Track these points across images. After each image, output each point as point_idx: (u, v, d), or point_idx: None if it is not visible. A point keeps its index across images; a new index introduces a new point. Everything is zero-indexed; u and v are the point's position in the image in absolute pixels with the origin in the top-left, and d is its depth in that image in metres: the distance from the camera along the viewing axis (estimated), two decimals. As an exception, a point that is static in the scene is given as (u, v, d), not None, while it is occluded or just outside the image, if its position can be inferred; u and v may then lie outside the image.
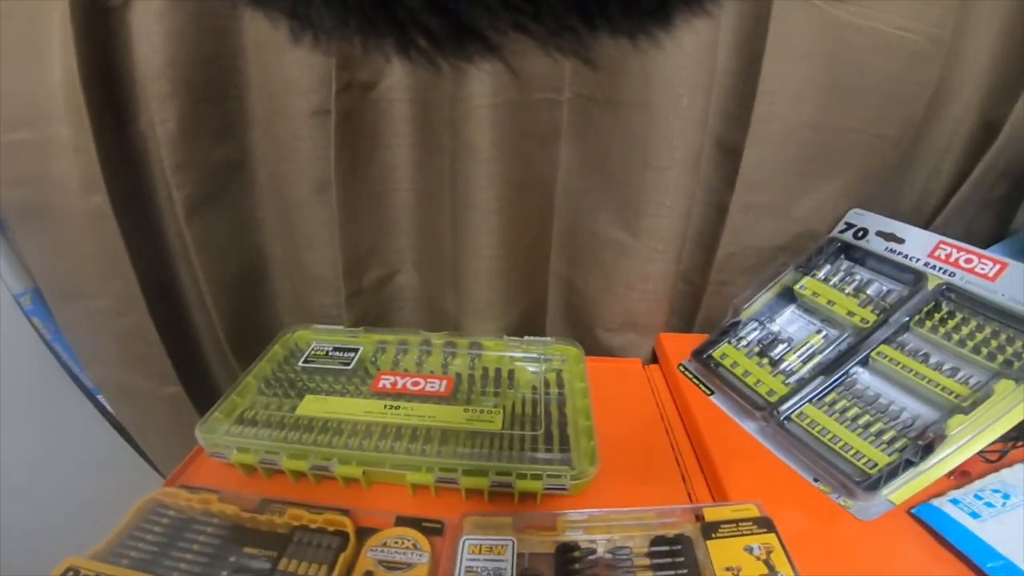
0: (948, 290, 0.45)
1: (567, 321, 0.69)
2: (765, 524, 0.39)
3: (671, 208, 0.56)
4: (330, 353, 0.58)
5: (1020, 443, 0.47)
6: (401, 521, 0.39)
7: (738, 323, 0.54)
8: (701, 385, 0.54)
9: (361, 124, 0.58)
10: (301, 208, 0.61)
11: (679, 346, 0.61)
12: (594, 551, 0.37)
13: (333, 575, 0.35)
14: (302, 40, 0.14)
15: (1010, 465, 0.44)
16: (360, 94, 0.56)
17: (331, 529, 0.38)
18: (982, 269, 0.46)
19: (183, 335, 0.69)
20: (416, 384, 0.53)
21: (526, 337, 0.60)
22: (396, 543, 0.37)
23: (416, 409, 0.49)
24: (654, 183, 0.55)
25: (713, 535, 0.39)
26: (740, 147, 0.55)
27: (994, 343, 0.42)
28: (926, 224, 0.62)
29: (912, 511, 0.41)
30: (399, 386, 0.52)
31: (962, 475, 0.44)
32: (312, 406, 0.50)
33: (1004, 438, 0.48)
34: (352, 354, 0.57)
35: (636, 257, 0.59)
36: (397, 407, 0.50)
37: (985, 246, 0.61)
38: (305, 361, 0.57)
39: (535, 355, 0.58)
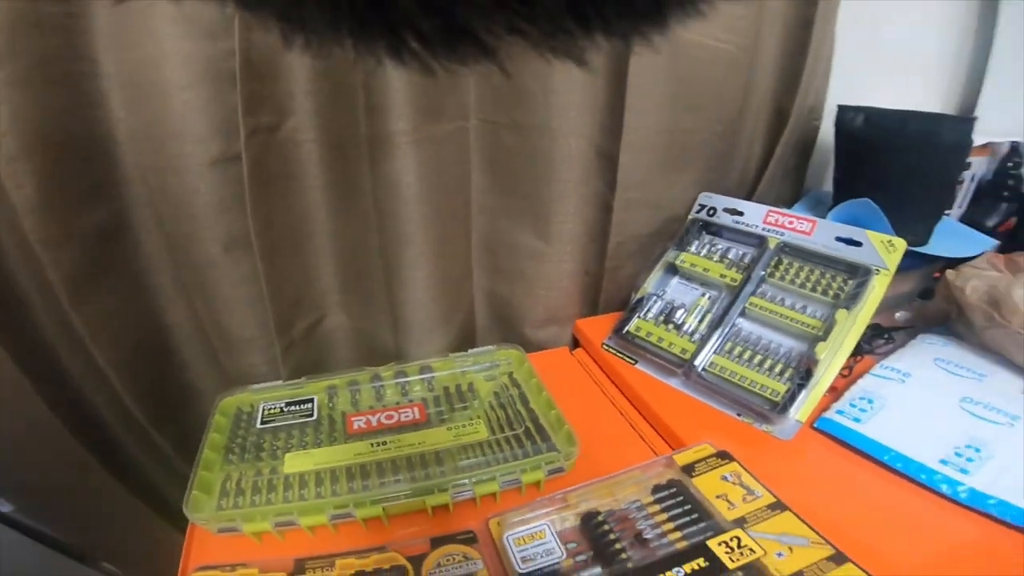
0: (784, 247, 0.61)
1: (497, 327, 0.76)
2: (725, 456, 0.50)
3: (574, 214, 0.65)
4: (284, 409, 0.57)
5: (859, 357, 0.65)
6: (437, 542, 0.43)
7: (641, 300, 0.66)
8: (625, 357, 0.65)
9: (271, 169, 0.56)
10: (213, 269, 0.58)
11: (594, 328, 0.71)
12: (612, 511, 0.45)
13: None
14: (293, 43, 0.14)
15: (860, 376, 0.60)
16: (266, 137, 0.55)
17: (387, 567, 0.41)
18: (801, 227, 0.62)
19: (94, 421, 0.62)
20: (390, 417, 0.55)
21: (470, 350, 0.64)
22: (448, 560, 0.41)
23: (403, 440, 0.52)
24: (559, 194, 0.64)
25: (693, 474, 0.48)
26: (616, 154, 0.66)
27: (823, 282, 0.58)
28: (749, 196, 0.80)
29: (814, 425, 0.54)
30: (374, 423, 0.54)
31: (832, 391, 0.59)
32: (297, 462, 0.50)
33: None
34: (309, 404, 0.57)
35: (551, 261, 0.68)
36: (384, 442, 0.52)
37: (789, 206, 0.81)
38: (262, 422, 0.55)
39: (484, 364, 0.63)
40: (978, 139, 0.81)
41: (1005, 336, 0.59)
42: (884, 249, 0.57)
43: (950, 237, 0.74)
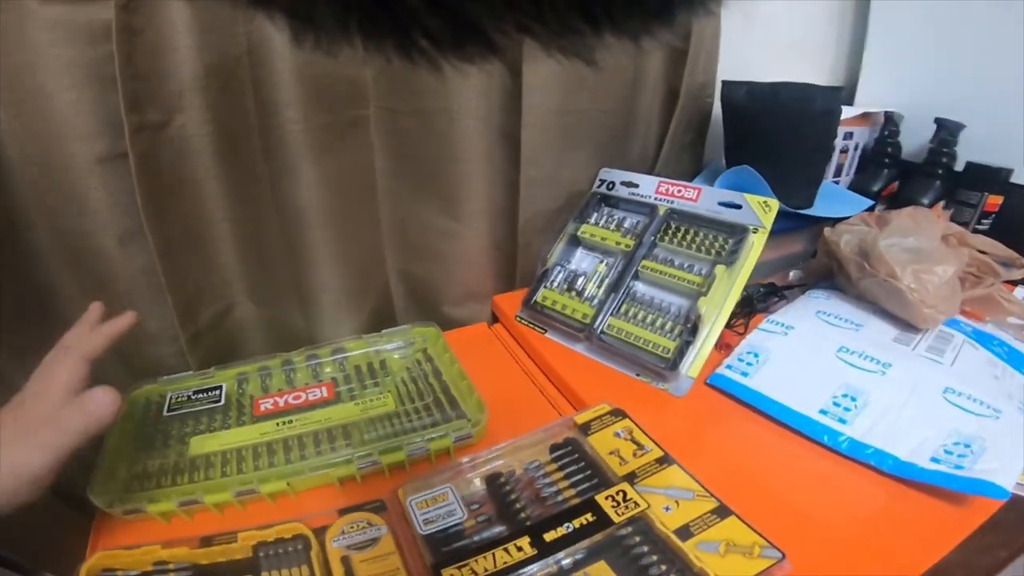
0: (672, 213, 0.65)
1: (415, 307, 0.77)
2: (619, 414, 0.53)
3: (480, 192, 0.67)
4: (192, 397, 0.57)
5: (754, 314, 0.69)
6: (344, 511, 0.44)
7: (547, 271, 0.68)
8: (536, 327, 0.68)
9: (161, 164, 0.56)
10: (109, 263, 0.58)
11: (511, 302, 0.73)
12: (514, 472, 0.47)
13: (315, 573, 0.39)
14: (303, 41, 0.14)
15: (745, 335, 0.65)
16: (153, 134, 0.55)
17: (288, 536, 0.42)
18: (688, 195, 0.66)
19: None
20: (297, 398, 0.56)
21: (384, 330, 0.66)
22: (352, 527, 0.42)
23: (310, 417, 0.53)
24: (465, 174, 0.66)
25: (589, 432, 0.50)
26: (517, 134, 0.69)
27: (707, 243, 0.62)
28: (650, 170, 0.84)
29: (707, 381, 0.58)
30: (281, 404, 0.55)
31: (726, 347, 0.63)
32: (203, 444, 0.50)
33: (740, 314, 0.71)
34: (217, 391, 0.57)
35: (463, 238, 0.69)
36: (290, 421, 0.52)
37: (691, 178, 0.86)
38: (169, 410, 0.55)
39: (398, 343, 0.64)
40: (857, 110, 0.88)
41: (875, 285, 0.64)
42: (761, 210, 0.62)
43: (833, 200, 0.80)
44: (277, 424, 0.52)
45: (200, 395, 0.57)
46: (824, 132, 0.74)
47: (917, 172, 0.86)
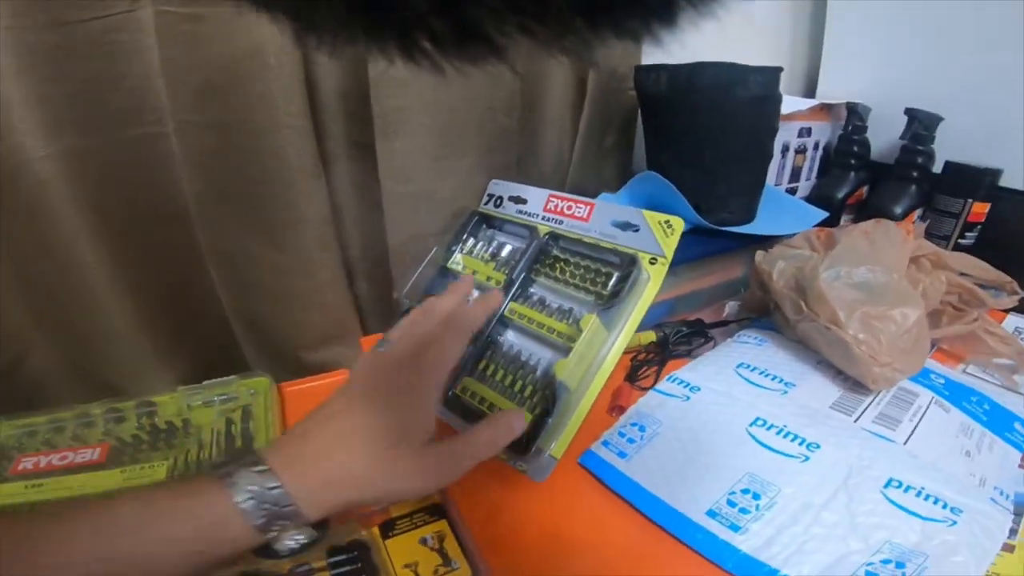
0: (552, 237, 0.50)
1: (264, 352, 0.63)
2: (437, 511, 0.40)
3: (311, 216, 0.53)
4: None
5: (664, 366, 0.54)
6: None
7: (407, 311, 0.54)
8: (390, 381, 0.54)
9: None
10: None
11: (373, 347, 0.59)
12: (278, 573, 0.34)
13: None
14: (305, 42, 0.14)
15: (645, 391, 0.49)
16: None
17: None
18: (579, 212, 0.51)
19: None
20: (64, 458, 0.47)
21: (205, 381, 0.53)
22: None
23: (63, 482, 0.45)
24: (282, 196, 0.52)
25: (391, 533, 0.39)
26: (372, 142, 0.55)
27: (589, 278, 0.47)
28: (562, 182, 0.69)
29: (580, 460, 0.43)
30: (43, 464, 0.46)
31: (618, 410, 0.48)
32: None
33: (651, 363, 0.56)
34: None
35: (295, 273, 0.56)
36: (40, 485, 0.44)
37: (616, 191, 0.71)
38: None
39: (217, 397, 0.52)
40: (813, 101, 0.73)
41: (814, 330, 0.49)
42: (661, 231, 0.47)
43: (779, 212, 0.65)
44: (25, 486, 0.44)
45: None
46: (758, 125, 0.58)
47: (888, 175, 0.70)
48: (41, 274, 0.51)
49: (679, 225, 0.46)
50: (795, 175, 0.76)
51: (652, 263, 0.46)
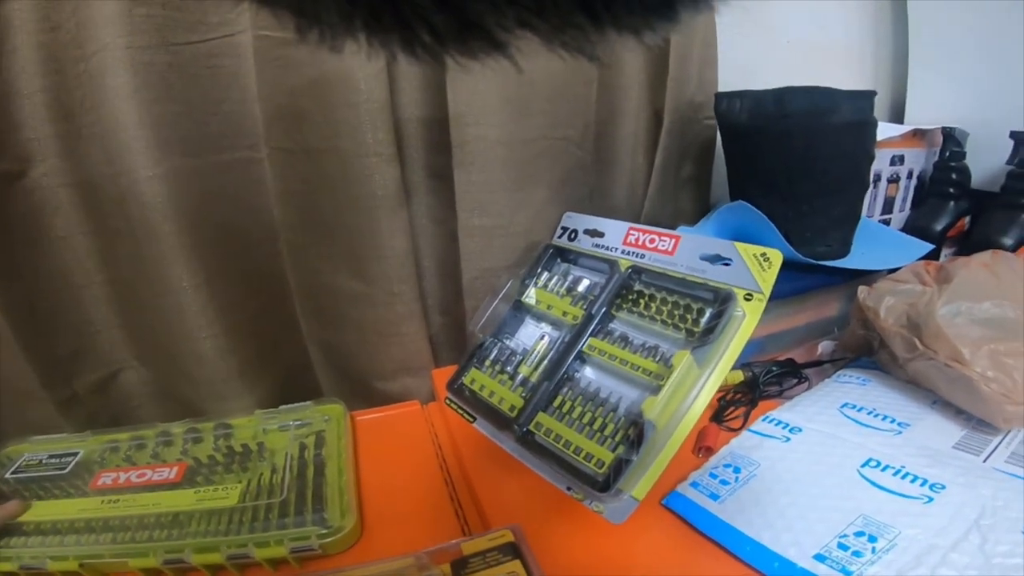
0: (635, 271, 0.47)
1: (340, 380, 0.63)
2: (511, 551, 0.37)
3: (392, 247, 0.53)
4: (44, 461, 0.50)
5: (755, 405, 0.50)
6: None
7: (481, 345, 0.52)
8: (465, 414, 0.51)
9: (12, 218, 0.48)
10: None
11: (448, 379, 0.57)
12: None
13: None
14: (308, 37, 0.14)
15: (741, 433, 0.46)
16: (4, 185, 0.47)
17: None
18: (663, 246, 0.48)
19: None
20: (142, 475, 0.47)
21: (282, 406, 0.53)
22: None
23: (138, 499, 0.45)
24: (367, 225, 0.51)
25: (463, 571, 0.36)
26: (451, 173, 0.54)
27: (677, 314, 0.43)
28: (638, 215, 0.66)
29: (664, 501, 0.41)
30: (121, 480, 0.47)
31: (707, 450, 0.45)
32: None
33: (739, 403, 0.51)
34: (71, 459, 0.49)
35: (376, 304, 0.55)
36: (116, 500, 0.44)
37: (694, 223, 0.67)
38: (14, 472, 0.48)
39: (293, 422, 0.52)
40: (906, 127, 0.67)
41: (931, 369, 0.43)
42: (756, 265, 0.43)
43: (879, 245, 0.59)
44: (102, 501, 0.44)
45: (53, 460, 0.50)
46: (854, 152, 0.53)
47: (993, 204, 0.63)
48: (140, 295, 0.52)
49: (777, 259, 0.42)
50: (887, 206, 0.70)
51: (747, 299, 0.42)
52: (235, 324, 0.53)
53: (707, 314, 0.41)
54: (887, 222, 0.70)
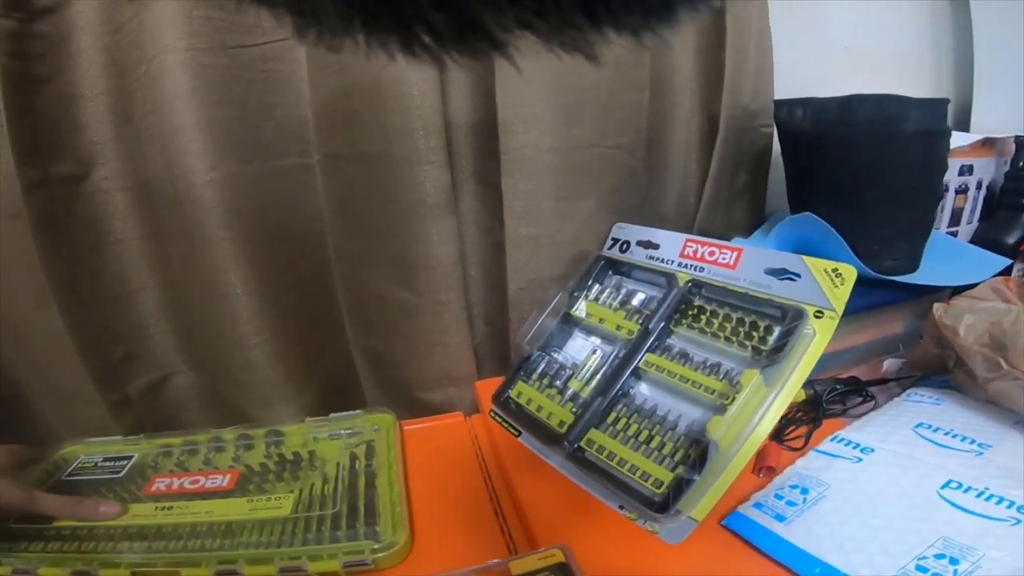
0: (695, 285, 0.45)
1: (384, 388, 0.62)
2: (561, 571, 0.36)
3: (441, 256, 0.52)
4: (99, 464, 0.50)
5: (819, 424, 0.47)
6: None
7: (528, 358, 0.51)
8: (510, 428, 0.50)
9: (72, 222, 0.49)
10: (27, 325, 0.50)
11: (493, 391, 0.56)
12: None
13: None
14: (306, 36, 0.14)
15: (804, 452, 0.44)
16: (64, 189, 0.48)
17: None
18: (723, 259, 0.46)
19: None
20: (195, 482, 0.47)
21: (332, 415, 0.53)
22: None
23: (191, 507, 0.44)
24: (417, 233, 0.51)
25: None
26: (498, 181, 0.53)
27: (741, 331, 0.41)
28: (691, 225, 0.64)
29: (724, 522, 0.39)
30: (175, 487, 0.46)
31: (767, 471, 0.43)
32: None
33: (800, 421, 0.49)
34: (125, 462, 0.50)
35: (423, 313, 0.54)
36: (170, 507, 0.44)
37: (748, 234, 0.64)
38: (69, 475, 0.48)
39: (344, 431, 0.52)
40: (974, 136, 0.64)
41: (1018, 389, 0.41)
42: (827, 281, 0.40)
43: (949, 260, 0.56)
44: (156, 508, 0.44)
45: (108, 463, 0.50)
46: (926, 160, 0.51)
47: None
48: (193, 300, 0.52)
49: (851, 275, 0.40)
50: (955, 218, 0.66)
51: (818, 316, 0.39)
52: (284, 331, 0.53)
53: (775, 332, 0.39)
54: (954, 235, 0.66)
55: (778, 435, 0.47)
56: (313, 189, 0.52)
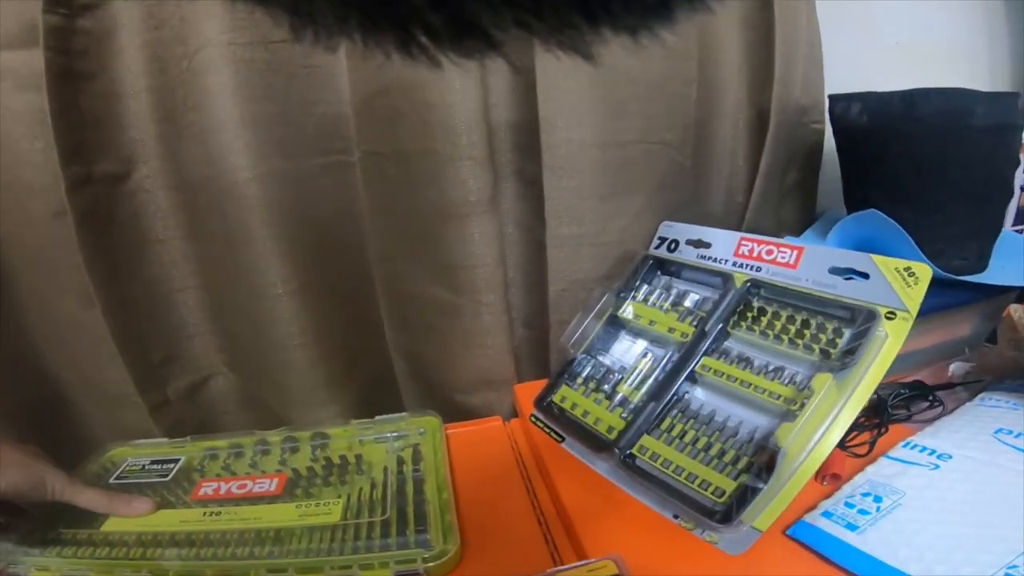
0: (754, 286, 0.43)
1: (422, 391, 0.61)
2: None
3: (483, 256, 0.50)
4: (146, 467, 0.49)
5: (884, 430, 0.45)
6: None
7: (572, 361, 0.49)
8: (552, 433, 0.48)
9: (115, 221, 0.48)
10: (71, 325, 0.50)
11: (533, 395, 0.54)
12: None
13: None
14: (303, 37, 0.13)
15: (874, 459, 0.41)
16: (107, 188, 0.47)
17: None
18: (783, 258, 0.44)
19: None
20: (243, 487, 0.45)
21: (377, 417, 0.52)
22: None
23: (240, 513, 0.43)
24: (458, 232, 0.49)
25: None
26: (540, 178, 0.52)
27: (807, 333, 0.39)
28: (739, 223, 0.61)
29: (788, 532, 0.36)
30: (222, 491, 0.45)
31: (832, 478, 0.40)
32: (120, 521, 0.42)
33: (863, 427, 0.46)
34: (172, 465, 0.49)
35: (464, 315, 0.52)
36: (218, 513, 0.43)
37: (798, 233, 0.62)
38: (117, 478, 0.48)
39: (390, 434, 0.51)
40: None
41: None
42: (900, 281, 0.38)
43: (1018, 258, 0.52)
44: (204, 513, 0.43)
45: (155, 466, 0.49)
46: (994, 157, 0.47)
47: None
48: (233, 301, 0.52)
49: (926, 274, 0.37)
50: (1019, 217, 0.62)
51: (890, 317, 0.37)
52: (325, 332, 0.53)
53: (846, 334, 0.37)
54: (1020, 232, 0.63)
55: (841, 441, 0.44)
56: (354, 187, 0.51)
